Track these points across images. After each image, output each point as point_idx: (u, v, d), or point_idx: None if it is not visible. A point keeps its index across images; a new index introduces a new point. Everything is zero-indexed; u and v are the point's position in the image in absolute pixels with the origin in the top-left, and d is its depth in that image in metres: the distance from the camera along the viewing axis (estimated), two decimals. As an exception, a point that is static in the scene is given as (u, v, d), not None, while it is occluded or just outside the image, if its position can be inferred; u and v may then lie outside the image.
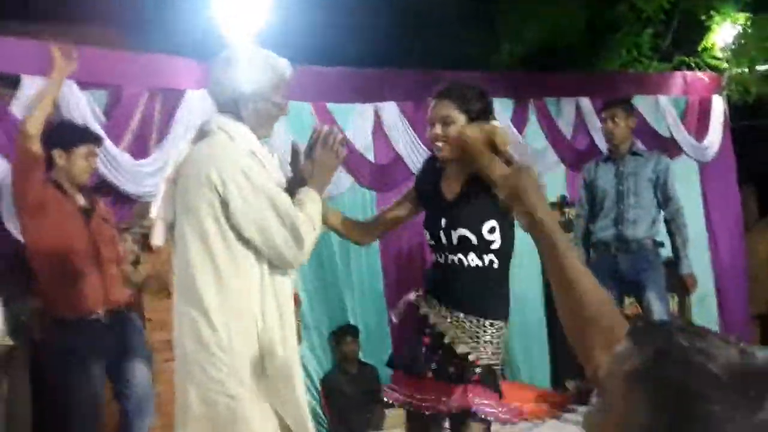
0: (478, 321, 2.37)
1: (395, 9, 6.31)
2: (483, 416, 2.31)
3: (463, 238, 2.35)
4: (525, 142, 5.68)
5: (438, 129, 2.37)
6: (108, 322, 2.95)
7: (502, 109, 5.60)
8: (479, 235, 2.33)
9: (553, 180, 5.61)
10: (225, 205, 2.00)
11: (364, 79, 5.11)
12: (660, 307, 3.85)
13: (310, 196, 2.17)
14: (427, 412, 2.38)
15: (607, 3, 6.60)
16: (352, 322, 4.74)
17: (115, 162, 4.01)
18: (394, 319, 2.64)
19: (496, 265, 2.38)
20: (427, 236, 2.49)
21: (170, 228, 2.15)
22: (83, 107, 3.98)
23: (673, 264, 4.03)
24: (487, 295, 2.40)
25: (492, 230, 2.33)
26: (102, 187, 3.88)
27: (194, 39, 4.88)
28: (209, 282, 2.00)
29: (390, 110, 5.11)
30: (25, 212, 2.93)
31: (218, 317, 1.99)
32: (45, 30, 5.24)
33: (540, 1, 6.39)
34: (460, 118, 2.34)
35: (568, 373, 4.62)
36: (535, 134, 5.80)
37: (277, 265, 2.09)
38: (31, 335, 3.11)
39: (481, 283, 2.39)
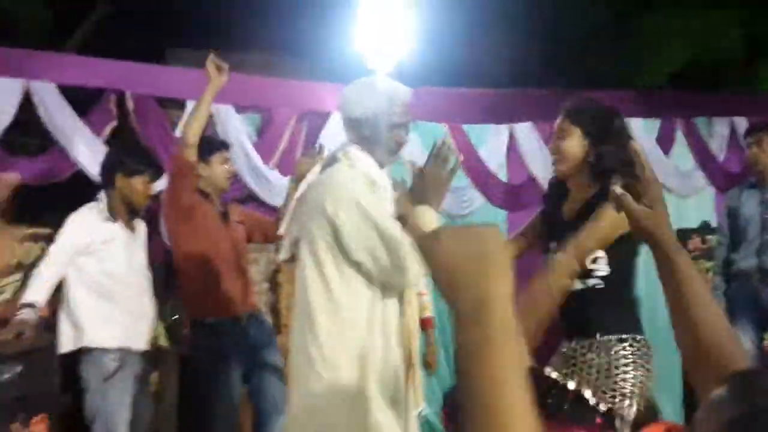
0: (576, 342, 2.19)
1: (536, 28, 6.32)
2: None
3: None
4: (671, 162, 5.50)
5: (553, 142, 2.30)
6: (246, 324, 3.14)
7: (647, 128, 5.47)
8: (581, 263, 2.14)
9: (700, 203, 5.37)
10: (337, 232, 2.14)
11: (499, 100, 5.19)
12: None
13: (427, 217, 2.15)
14: None
15: (766, 18, 6.20)
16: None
17: (264, 177, 4.39)
18: None
19: (601, 286, 2.20)
20: (543, 260, 2.33)
21: (295, 244, 2.34)
22: (239, 128, 4.41)
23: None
24: (597, 313, 2.20)
25: (595, 260, 2.18)
26: (250, 200, 4.25)
27: (340, 64, 5.21)
28: (320, 299, 2.14)
29: (525, 130, 5.15)
30: (177, 218, 3.13)
31: (324, 334, 2.12)
32: (204, 56, 5.83)
33: (689, 16, 6.13)
34: (576, 132, 2.24)
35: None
36: (682, 155, 5.59)
37: (388, 288, 2.19)
38: (180, 337, 3.40)
39: (590, 303, 2.20)
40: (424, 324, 3.47)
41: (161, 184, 3.49)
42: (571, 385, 2.14)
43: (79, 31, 6.45)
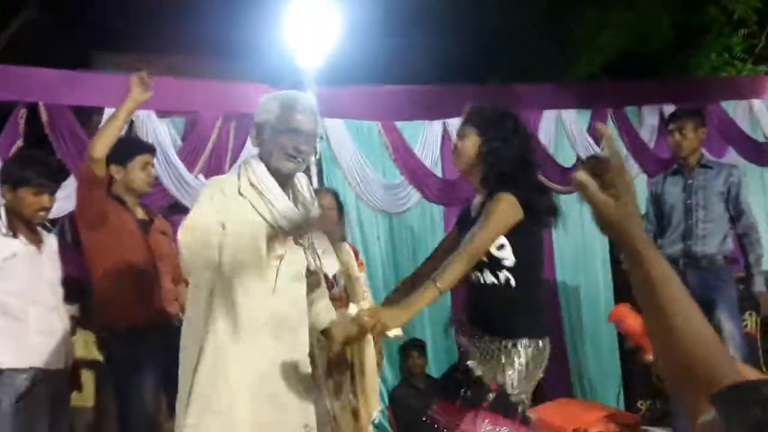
0: (500, 342, 2.31)
1: (466, 24, 6.33)
2: None
3: None
4: (603, 152, 5.55)
5: (455, 140, 2.53)
6: (160, 334, 3.04)
7: (579, 119, 5.53)
8: (487, 252, 2.30)
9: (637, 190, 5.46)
10: None
11: (432, 96, 5.18)
12: (732, 326, 3.65)
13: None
14: None
15: (695, 6, 6.32)
16: (419, 336, 4.79)
17: (187, 184, 4.29)
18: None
19: (513, 283, 2.33)
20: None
21: None
22: (162, 134, 4.30)
23: (746, 281, 3.82)
24: (507, 314, 2.35)
25: (501, 247, 2.31)
26: (175, 208, 4.16)
27: (269, 65, 5.14)
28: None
29: (458, 126, 5.14)
30: (86, 226, 3.05)
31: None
32: (131, 60, 5.69)
33: (619, 7, 6.22)
34: (471, 132, 2.43)
35: (640, 394, 4.47)
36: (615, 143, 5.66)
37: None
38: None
39: (500, 302, 2.34)
40: None
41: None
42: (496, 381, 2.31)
43: (2, 37, 6.23)
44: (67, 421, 3.06)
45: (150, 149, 3.37)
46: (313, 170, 4.76)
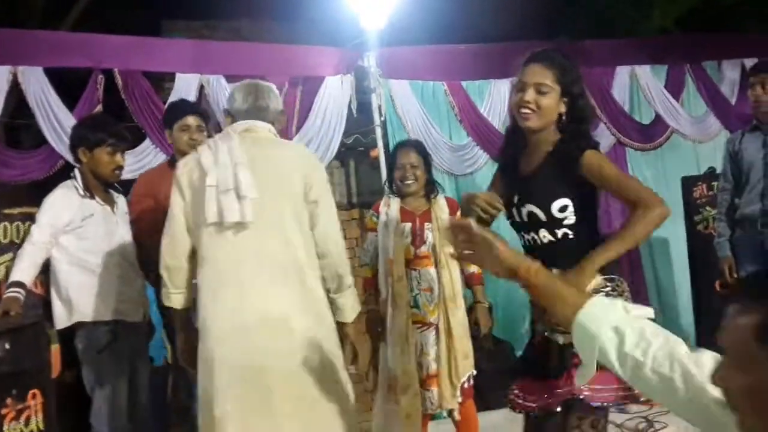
0: None
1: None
2: (596, 404, 2.07)
3: (532, 215, 2.21)
4: (683, 108, 5.38)
5: (530, 95, 2.16)
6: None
7: (654, 75, 5.34)
8: (548, 213, 2.18)
9: (717, 148, 5.23)
10: None
11: (499, 54, 5.06)
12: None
13: None
14: (537, 413, 2.20)
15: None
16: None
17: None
18: None
19: (571, 236, 2.20)
20: (506, 215, 2.33)
21: None
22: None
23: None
24: (571, 263, 2.13)
25: (563, 209, 2.18)
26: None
27: (333, 27, 5.14)
28: None
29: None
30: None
31: None
32: (202, 27, 5.79)
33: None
34: (556, 89, 2.16)
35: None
36: (693, 100, 5.48)
37: None
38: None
39: (562, 255, 2.17)
40: (472, 280, 3.45)
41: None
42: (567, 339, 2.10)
43: (74, 8, 6.42)
44: (146, 371, 3.22)
45: (188, 111, 3.33)
46: (378, 133, 4.78)
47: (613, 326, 1.29)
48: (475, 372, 3.36)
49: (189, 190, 2.37)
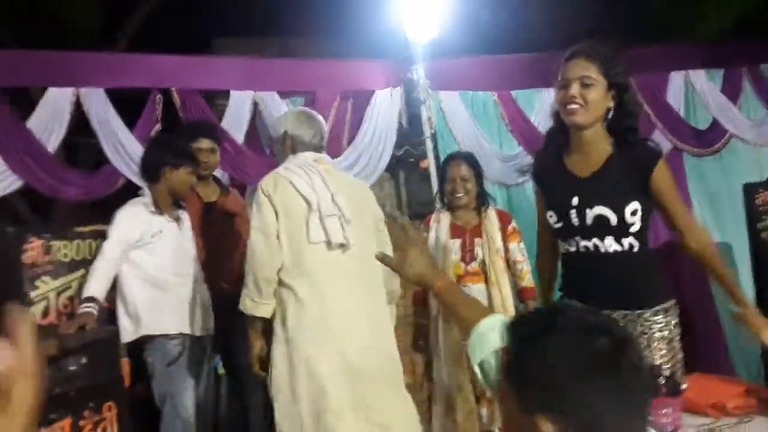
0: (643, 314, 2.13)
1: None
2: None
3: (600, 218, 2.11)
4: (741, 112, 5.26)
5: (575, 89, 2.09)
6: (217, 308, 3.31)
7: (711, 80, 5.24)
8: (621, 216, 2.10)
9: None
10: None
11: (546, 63, 4.99)
12: None
13: None
14: None
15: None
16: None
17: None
18: None
19: (636, 249, 2.13)
20: (553, 219, 2.22)
21: None
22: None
23: None
24: (638, 281, 2.13)
25: (634, 212, 2.11)
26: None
27: (381, 41, 5.17)
28: None
29: (578, 92, 4.99)
30: None
31: None
32: (250, 44, 5.88)
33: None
34: (601, 82, 2.10)
35: (783, 369, 4.22)
36: (752, 104, 5.36)
37: None
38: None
39: (629, 270, 2.13)
40: (525, 294, 3.40)
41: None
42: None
43: (127, 27, 6.59)
44: (212, 383, 3.29)
45: (203, 134, 3.54)
46: (429, 144, 4.78)
47: (494, 350, 1.37)
48: None
49: (283, 210, 2.62)
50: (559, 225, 2.24)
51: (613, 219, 2.11)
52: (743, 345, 4.65)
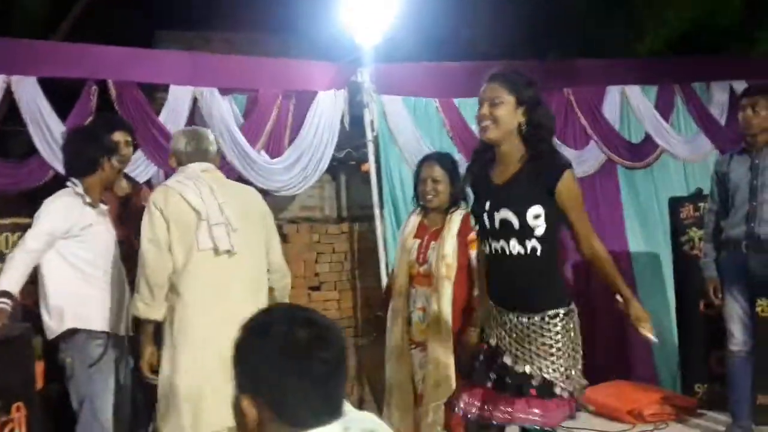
0: (532, 318, 2.31)
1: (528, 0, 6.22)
2: (540, 428, 2.33)
3: (504, 221, 2.33)
4: (673, 128, 5.44)
5: (485, 109, 2.36)
6: None
7: (645, 95, 5.41)
8: (523, 219, 2.30)
9: (707, 168, 5.28)
10: None
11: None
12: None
13: None
14: (493, 422, 2.37)
15: (768, -22, 6.05)
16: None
17: (251, 160, 4.38)
18: None
19: (539, 252, 2.32)
20: (473, 222, 2.54)
21: None
22: (225, 110, 4.39)
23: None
24: (535, 285, 2.34)
25: (537, 216, 2.31)
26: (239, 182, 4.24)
27: (328, 41, 5.17)
28: None
29: (517, 103, 5.08)
30: None
31: None
32: (195, 38, 5.81)
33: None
34: (509, 101, 2.33)
35: (698, 377, 4.38)
36: (684, 120, 5.54)
37: None
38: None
39: (528, 273, 2.33)
40: (476, 303, 3.26)
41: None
42: (527, 369, 2.33)
43: (69, 17, 6.42)
44: (128, 385, 3.21)
45: (117, 127, 3.47)
46: (370, 148, 4.80)
47: None
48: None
49: (173, 220, 2.80)
50: (477, 228, 2.51)
51: (515, 222, 2.31)
52: (662, 351, 4.82)
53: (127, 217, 3.38)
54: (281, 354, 1.17)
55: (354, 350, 4.95)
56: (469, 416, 2.43)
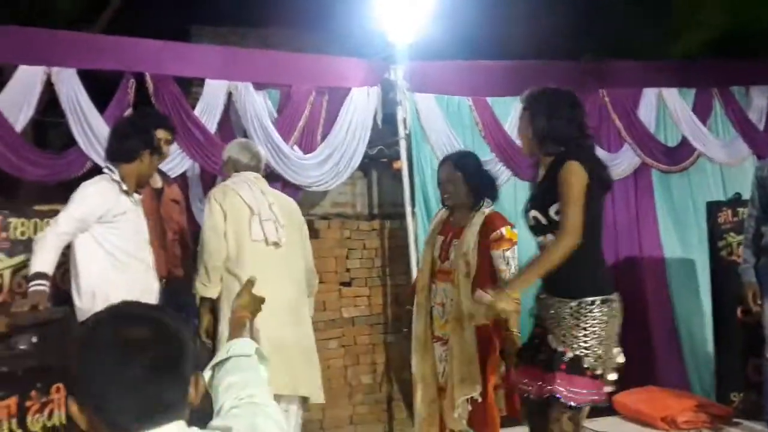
0: (570, 303, 2.51)
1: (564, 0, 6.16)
2: (564, 401, 2.45)
3: (534, 219, 2.62)
4: (711, 132, 5.35)
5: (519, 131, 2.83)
6: (165, 289, 3.31)
7: (683, 98, 5.32)
8: (546, 215, 2.55)
9: (744, 173, 5.18)
10: None
11: (525, 72, 5.05)
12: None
13: None
14: (532, 396, 2.60)
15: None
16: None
17: (284, 155, 4.39)
18: None
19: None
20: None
21: None
22: (259, 105, 4.41)
23: None
24: (572, 275, 2.51)
25: (558, 212, 2.51)
26: (271, 177, 4.25)
27: (361, 38, 5.17)
28: None
29: (552, 103, 5.03)
30: None
31: None
32: (230, 33, 5.84)
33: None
34: (525, 116, 2.73)
35: (734, 386, 4.30)
36: (722, 124, 5.45)
37: None
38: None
39: (564, 264, 2.47)
40: None
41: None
42: (560, 348, 2.52)
43: (106, 11, 6.50)
44: None
45: (160, 125, 3.53)
46: (402, 145, 4.79)
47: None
48: (476, 395, 3.17)
49: (230, 213, 3.27)
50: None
51: (543, 219, 2.59)
52: (698, 359, 4.74)
53: (158, 207, 3.47)
54: (99, 356, 1.10)
55: (383, 347, 4.96)
56: (525, 395, 2.66)
